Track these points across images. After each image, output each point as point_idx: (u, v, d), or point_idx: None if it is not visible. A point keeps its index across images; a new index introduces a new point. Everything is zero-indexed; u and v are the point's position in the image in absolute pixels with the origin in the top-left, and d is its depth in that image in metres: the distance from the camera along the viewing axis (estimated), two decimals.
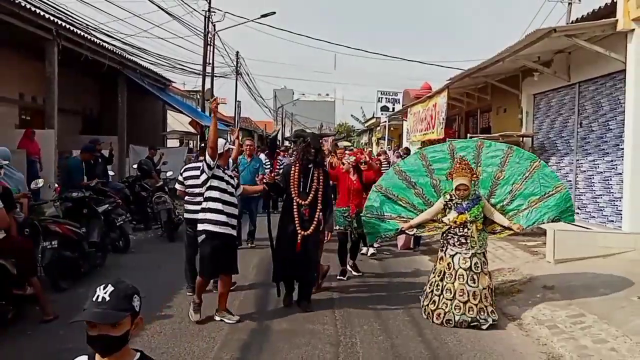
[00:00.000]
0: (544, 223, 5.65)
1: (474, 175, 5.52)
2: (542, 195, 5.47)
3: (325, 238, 6.30)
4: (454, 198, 5.50)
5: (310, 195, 5.72)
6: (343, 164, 7.49)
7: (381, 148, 22.93)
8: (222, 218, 5.22)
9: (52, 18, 10.77)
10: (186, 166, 6.67)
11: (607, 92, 9.15)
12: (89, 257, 6.95)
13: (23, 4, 9.66)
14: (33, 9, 10.00)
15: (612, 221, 8.71)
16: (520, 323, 5.41)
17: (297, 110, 73.92)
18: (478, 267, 5.34)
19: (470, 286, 5.28)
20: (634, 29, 7.71)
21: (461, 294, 5.28)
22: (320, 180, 5.82)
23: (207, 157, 5.21)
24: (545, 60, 10.51)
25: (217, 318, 5.29)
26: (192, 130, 21.24)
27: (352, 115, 54.38)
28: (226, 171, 5.52)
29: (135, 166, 12.22)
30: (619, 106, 8.58)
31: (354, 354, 4.62)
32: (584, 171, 9.87)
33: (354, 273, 7.40)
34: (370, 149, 28.92)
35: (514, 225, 5.44)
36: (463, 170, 5.45)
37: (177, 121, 21.38)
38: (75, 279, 6.52)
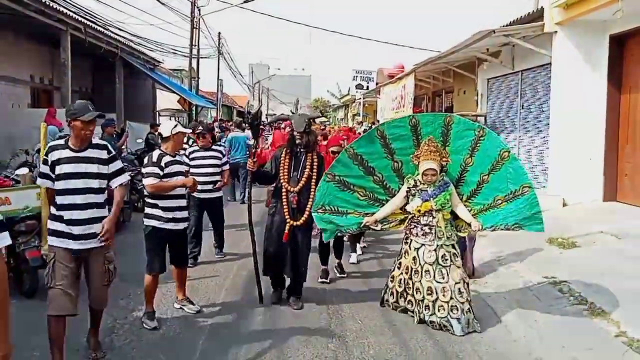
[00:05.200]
0: (501, 228, 4.83)
1: (444, 159, 4.89)
2: (507, 194, 4.74)
3: (314, 231, 5.62)
4: (418, 184, 4.88)
5: (302, 182, 5.25)
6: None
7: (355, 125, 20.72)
8: (167, 214, 4.86)
9: (69, 13, 12.25)
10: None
11: (542, 80, 11.03)
12: (122, 211, 8.24)
13: (44, 1, 11.02)
14: (54, 5, 11.42)
15: (544, 187, 10.66)
16: None
17: (273, 86, 73.20)
18: (447, 259, 4.77)
19: (439, 282, 4.74)
20: (556, 31, 9.58)
21: (429, 292, 4.77)
22: (314, 167, 5.31)
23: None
24: (495, 51, 12.34)
25: (177, 306, 5.19)
26: (180, 107, 22.74)
27: (328, 91, 55.13)
28: (177, 157, 5.04)
29: (139, 140, 13.81)
30: (549, 91, 10.45)
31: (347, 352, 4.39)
32: (524, 146, 11.82)
33: (339, 275, 6.59)
34: (346, 125, 30.42)
35: (474, 222, 4.77)
36: (432, 152, 4.80)
37: (166, 99, 22.73)
38: None
